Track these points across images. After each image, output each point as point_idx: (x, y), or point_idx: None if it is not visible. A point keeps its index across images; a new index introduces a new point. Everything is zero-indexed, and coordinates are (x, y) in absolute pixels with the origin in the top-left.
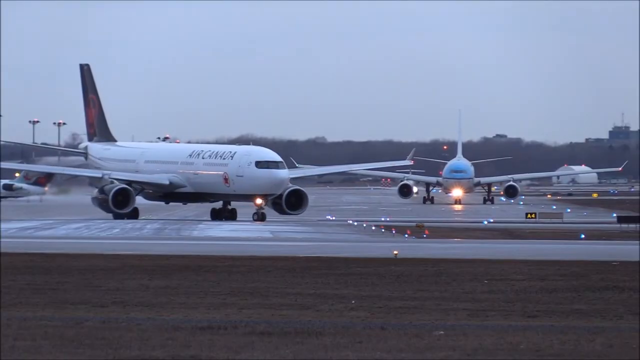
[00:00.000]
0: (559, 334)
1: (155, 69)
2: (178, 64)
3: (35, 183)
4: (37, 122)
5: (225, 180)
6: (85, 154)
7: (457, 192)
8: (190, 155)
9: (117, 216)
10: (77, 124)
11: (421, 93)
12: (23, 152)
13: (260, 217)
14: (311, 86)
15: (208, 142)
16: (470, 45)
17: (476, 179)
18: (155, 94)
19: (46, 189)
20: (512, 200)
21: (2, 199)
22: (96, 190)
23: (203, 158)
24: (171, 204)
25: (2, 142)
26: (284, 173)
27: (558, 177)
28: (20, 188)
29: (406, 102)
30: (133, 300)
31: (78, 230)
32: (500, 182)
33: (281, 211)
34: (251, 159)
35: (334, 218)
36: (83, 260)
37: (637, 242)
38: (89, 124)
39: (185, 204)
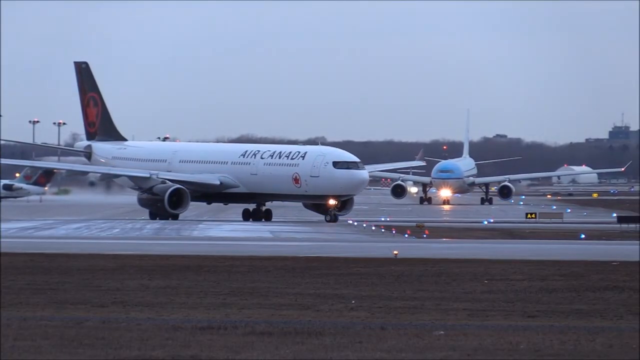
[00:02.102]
0: (559, 334)
1: (154, 69)
2: (177, 63)
3: (35, 183)
4: (37, 122)
5: (296, 180)
6: (88, 154)
7: (445, 192)
8: (243, 155)
9: (163, 217)
10: (77, 124)
11: (421, 93)
12: (23, 152)
13: (332, 218)
14: (311, 86)
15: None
16: (471, 45)
17: (470, 179)
18: (154, 94)
19: (46, 188)
20: (512, 201)
21: (2, 199)
22: (142, 190)
23: (262, 158)
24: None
25: (2, 142)
26: (365, 174)
27: (558, 177)
28: (20, 188)
29: (406, 102)
30: (133, 300)
31: (78, 230)
32: (499, 182)
33: (324, 212)
34: (327, 159)
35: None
36: (83, 260)
37: (637, 242)
38: (89, 123)
39: (226, 204)
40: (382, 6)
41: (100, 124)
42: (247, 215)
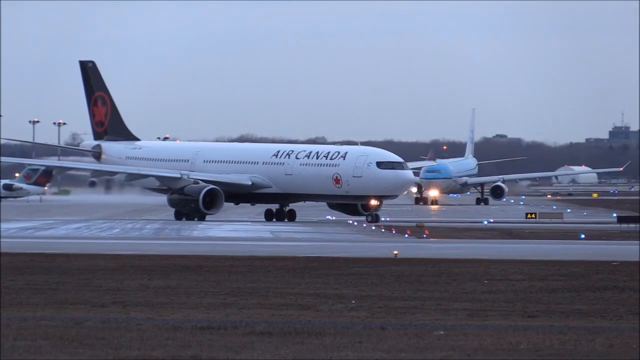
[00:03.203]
0: (559, 334)
1: (153, 69)
2: (177, 63)
3: (35, 183)
4: (37, 122)
5: (336, 181)
6: (97, 154)
7: (432, 192)
8: (276, 155)
9: (190, 217)
10: (77, 124)
11: (421, 93)
12: (23, 152)
13: (374, 218)
14: (311, 86)
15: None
16: (471, 45)
17: (463, 179)
18: (152, 94)
19: (46, 188)
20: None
21: (2, 199)
22: (172, 191)
23: (297, 158)
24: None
25: (10, 142)
26: (410, 174)
27: (556, 177)
28: (20, 188)
29: (406, 102)
30: (133, 300)
31: (78, 230)
32: (493, 182)
33: (355, 212)
34: (370, 160)
35: (334, 218)
36: (83, 260)
37: (637, 242)
38: (96, 123)
39: (253, 204)
40: (383, 7)
41: (109, 124)
42: (269, 216)
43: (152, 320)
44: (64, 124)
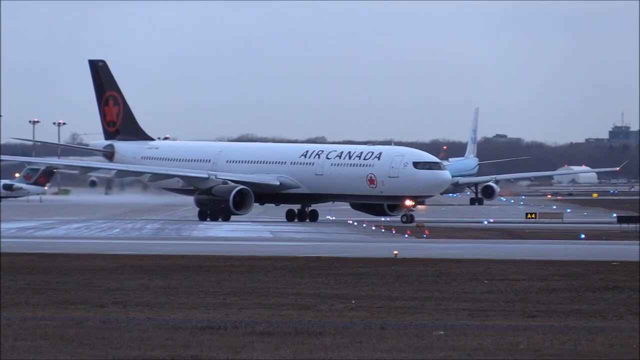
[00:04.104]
0: (559, 334)
1: (152, 69)
2: (177, 63)
3: (35, 183)
4: (37, 122)
5: (371, 181)
6: (109, 153)
7: None
8: (304, 155)
9: (215, 218)
10: (77, 124)
11: (421, 93)
12: (24, 152)
13: (409, 218)
14: (312, 86)
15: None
16: (470, 45)
17: (455, 179)
18: (152, 94)
19: (46, 188)
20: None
21: (2, 199)
22: (199, 191)
23: (328, 158)
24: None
25: (4, 140)
26: (448, 174)
27: (552, 177)
28: (20, 188)
29: (406, 102)
30: (133, 300)
31: (78, 230)
32: (485, 182)
33: (381, 212)
34: (406, 160)
35: (334, 218)
36: (83, 260)
37: (637, 242)
38: (108, 122)
39: (277, 205)
40: (383, 7)
41: (122, 123)
42: (291, 216)
43: (152, 320)
44: (64, 124)
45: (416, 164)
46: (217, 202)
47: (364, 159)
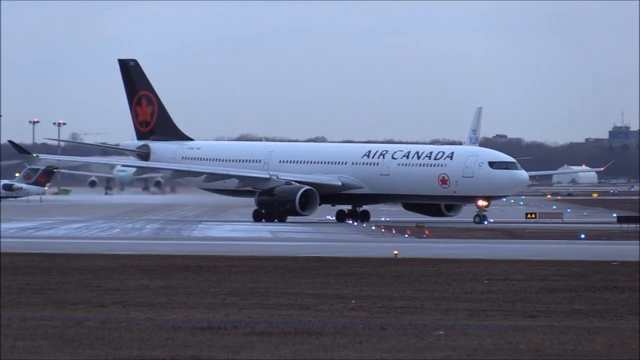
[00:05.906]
0: (559, 334)
1: (152, 68)
2: (176, 63)
3: (35, 183)
4: (37, 122)
5: (443, 181)
6: (144, 154)
7: None
8: (367, 156)
9: (271, 219)
10: (77, 124)
11: (422, 93)
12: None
13: (482, 219)
14: (312, 86)
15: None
16: (471, 45)
17: None
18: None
19: (46, 188)
20: (508, 200)
21: (2, 199)
22: (260, 192)
23: (394, 158)
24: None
25: (63, 143)
26: (525, 174)
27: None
28: (20, 188)
29: (406, 102)
30: (133, 300)
31: (78, 230)
32: None
33: (437, 213)
34: (481, 160)
35: (334, 218)
36: (83, 260)
37: (637, 242)
38: (141, 122)
39: (333, 205)
40: (383, 7)
41: (157, 123)
42: (341, 216)
43: (152, 320)
44: (64, 124)
45: (492, 164)
46: (281, 202)
47: (435, 159)
